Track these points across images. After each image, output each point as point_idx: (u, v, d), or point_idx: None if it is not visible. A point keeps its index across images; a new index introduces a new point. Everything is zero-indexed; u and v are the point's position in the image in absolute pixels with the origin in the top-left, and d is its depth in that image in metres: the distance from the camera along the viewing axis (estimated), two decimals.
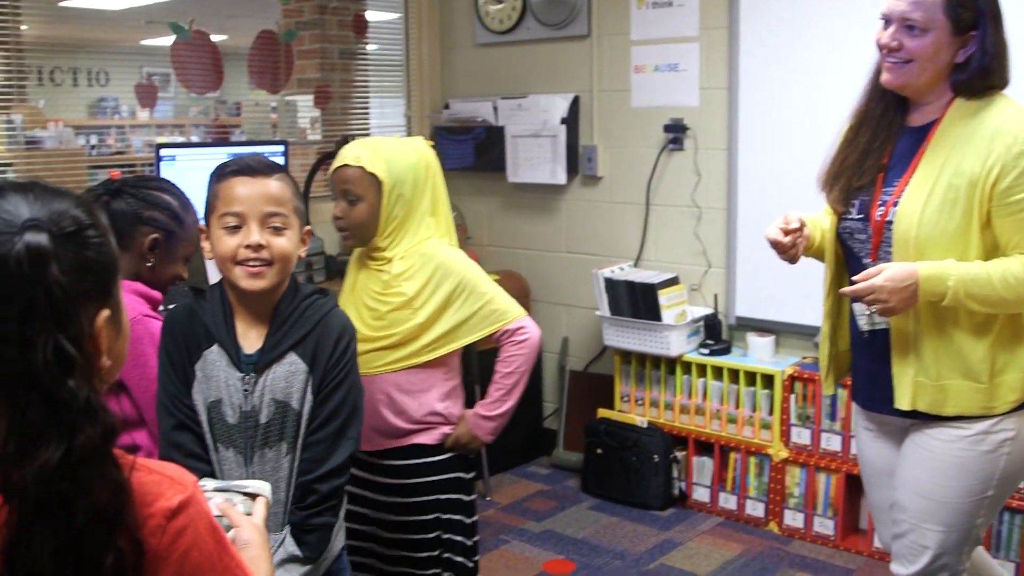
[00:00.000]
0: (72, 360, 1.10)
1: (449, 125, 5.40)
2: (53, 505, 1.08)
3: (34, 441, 1.08)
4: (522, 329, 2.68)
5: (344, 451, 2.09)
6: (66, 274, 1.11)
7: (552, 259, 5.28)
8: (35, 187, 1.18)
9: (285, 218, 2.05)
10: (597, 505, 4.71)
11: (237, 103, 6.06)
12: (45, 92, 4.89)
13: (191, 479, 1.22)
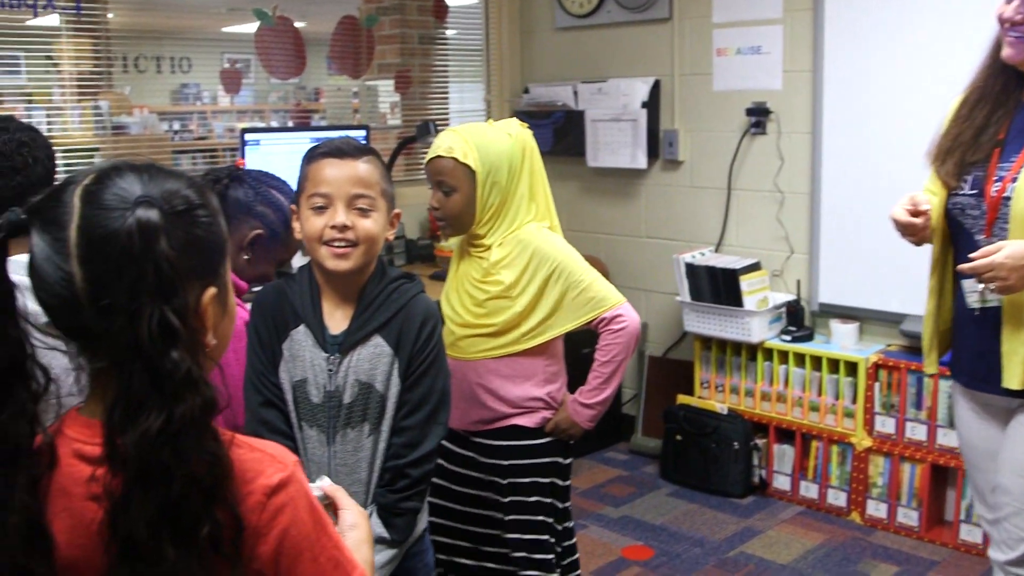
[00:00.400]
0: (176, 332, 1.13)
1: (529, 109, 5.39)
2: (152, 473, 1.11)
3: (137, 409, 1.12)
4: (620, 317, 2.65)
5: (435, 437, 2.11)
6: (175, 249, 1.15)
7: (631, 244, 5.26)
8: (150, 167, 1.23)
9: (372, 200, 2.07)
10: (676, 492, 4.69)
11: (316, 89, 6.12)
12: (130, 79, 4.98)
13: (292, 458, 1.24)
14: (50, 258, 1.16)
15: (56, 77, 4.27)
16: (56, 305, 1.17)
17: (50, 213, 1.18)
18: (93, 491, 1.18)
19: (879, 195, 4.24)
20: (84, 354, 1.22)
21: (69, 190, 1.19)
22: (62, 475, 1.22)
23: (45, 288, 1.17)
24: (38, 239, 1.18)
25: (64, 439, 1.23)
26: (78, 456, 1.21)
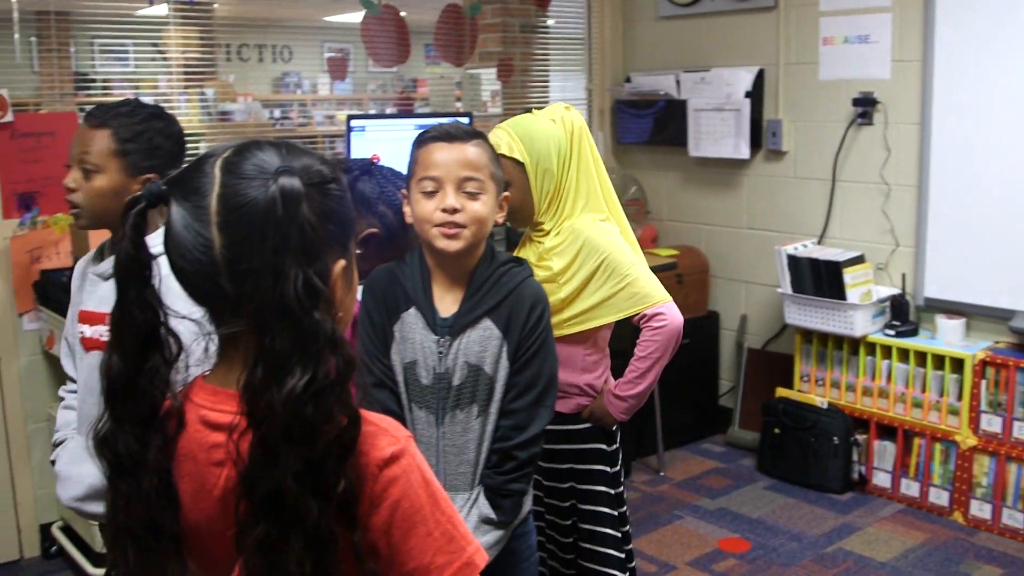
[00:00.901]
0: (319, 292, 1.18)
1: (630, 99, 5.37)
2: (298, 429, 1.15)
3: (281, 368, 1.16)
4: (661, 315, 2.62)
5: (542, 420, 2.13)
6: (315, 216, 1.19)
7: (732, 235, 5.21)
8: (286, 143, 1.28)
9: (481, 183, 2.09)
10: (773, 485, 4.65)
11: (414, 78, 6.18)
12: (233, 68, 5.10)
13: (404, 432, 1.28)
14: (190, 225, 1.21)
15: (163, 65, 4.39)
16: (193, 271, 1.22)
17: (191, 183, 1.23)
18: (216, 457, 1.24)
19: (989, 188, 4.15)
20: (215, 320, 1.26)
21: (209, 162, 1.24)
22: (188, 440, 1.27)
23: (183, 255, 1.22)
24: (178, 208, 1.22)
25: (191, 405, 1.28)
26: (204, 422, 1.26)
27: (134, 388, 1.24)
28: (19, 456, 3.97)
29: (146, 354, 1.25)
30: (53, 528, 4.04)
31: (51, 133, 3.90)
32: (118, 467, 1.26)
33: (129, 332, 1.24)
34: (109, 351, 1.26)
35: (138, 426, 1.25)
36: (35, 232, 3.84)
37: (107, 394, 1.26)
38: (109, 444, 1.25)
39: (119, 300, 1.25)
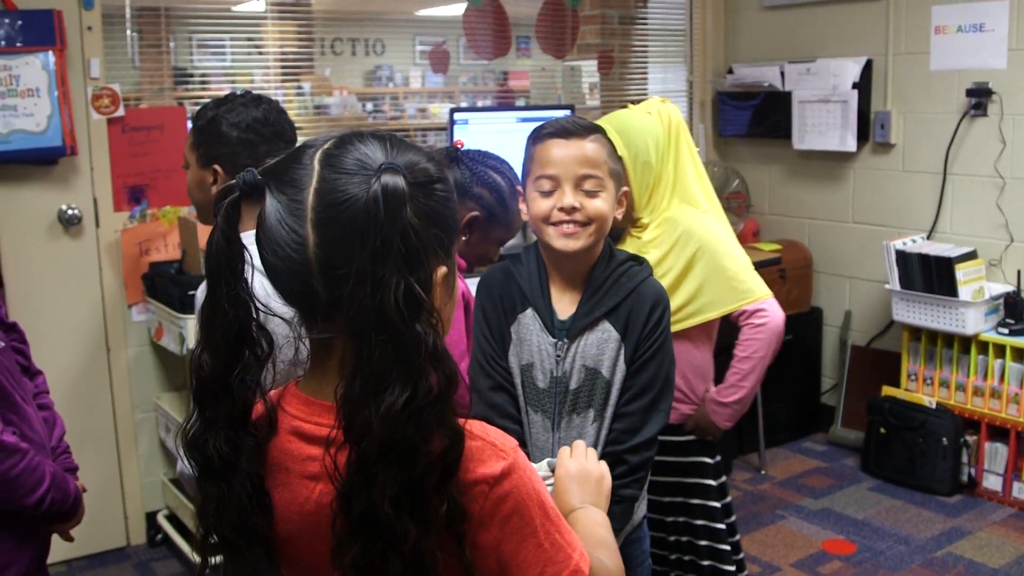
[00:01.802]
0: (421, 303, 1.11)
1: (732, 90, 5.28)
2: (396, 449, 1.09)
3: (380, 383, 1.09)
4: (763, 311, 2.54)
5: (656, 423, 2.06)
6: (419, 219, 1.12)
7: (837, 229, 5.09)
8: (391, 137, 1.21)
9: (599, 180, 2.02)
10: (877, 486, 4.53)
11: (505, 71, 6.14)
12: (327, 62, 5.12)
13: (512, 444, 1.21)
14: (283, 220, 1.14)
15: (259, 60, 4.43)
16: (285, 269, 1.15)
17: (287, 174, 1.16)
18: (311, 470, 1.19)
19: None
20: (307, 323, 1.20)
21: (308, 153, 1.17)
22: (280, 449, 1.23)
23: (275, 251, 1.15)
24: (272, 200, 1.16)
25: (283, 414, 1.24)
26: (296, 433, 1.21)
27: (226, 388, 1.20)
28: (126, 445, 4.05)
29: (238, 352, 1.20)
30: (159, 516, 4.11)
31: (159, 127, 3.95)
32: (208, 469, 1.21)
33: (221, 329, 1.19)
34: (200, 349, 1.21)
35: (229, 428, 1.20)
36: (144, 225, 3.90)
37: (197, 394, 1.22)
38: (199, 446, 1.21)
39: (210, 295, 1.20)
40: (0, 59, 3.55)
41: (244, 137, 2.20)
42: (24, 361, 2.36)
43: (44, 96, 3.62)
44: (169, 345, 3.69)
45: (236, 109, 2.20)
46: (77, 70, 3.74)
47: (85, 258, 3.87)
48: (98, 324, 3.93)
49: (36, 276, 3.74)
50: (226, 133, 2.19)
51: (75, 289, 3.87)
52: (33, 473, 2.09)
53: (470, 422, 1.19)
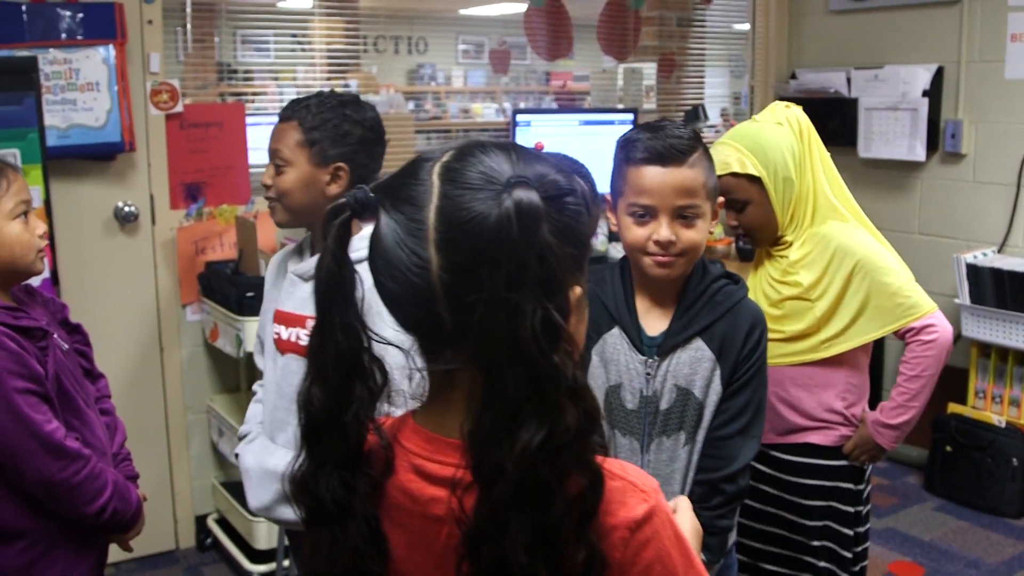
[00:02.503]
0: (559, 331, 1.01)
1: (796, 96, 5.15)
2: (531, 491, 0.99)
3: (514, 419, 0.99)
4: (931, 327, 2.39)
5: (751, 450, 1.95)
6: (555, 237, 1.02)
7: (902, 240, 4.91)
8: (514, 146, 1.10)
9: (697, 208, 1.90)
10: (942, 506, 4.40)
11: (547, 71, 6.06)
12: (371, 59, 5.07)
13: (652, 484, 1.11)
14: (403, 241, 1.04)
15: (302, 57, 4.37)
16: (405, 295, 1.05)
17: (403, 191, 1.07)
18: (435, 512, 1.10)
19: None
20: (428, 353, 1.10)
21: (425, 167, 1.07)
22: (398, 488, 1.13)
23: (394, 275, 1.05)
24: (388, 220, 1.06)
25: (401, 450, 1.14)
26: (419, 472, 1.12)
27: (339, 425, 1.10)
28: (178, 447, 3.98)
29: (350, 386, 1.10)
30: (209, 520, 4.04)
31: (219, 123, 3.88)
32: (319, 513, 1.12)
33: (332, 361, 1.09)
34: (309, 382, 1.12)
35: (343, 468, 1.11)
36: (201, 223, 3.83)
37: (307, 431, 1.13)
38: (308, 488, 1.12)
39: (320, 325, 1.10)
40: (61, 52, 3.49)
41: (366, 136, 2.16)
42: (87, 364, 2.30)
43: (104, 90, 3.56)
44: (225, 347, 3.61)
45: (350, 107, 2.16)
46: (136, 65, 3.68)
47: (140, 256, 3.81)
48: (152, 324, 3.86)
49: (91, 273, 3.68)
50: (350, 131, 2.14)
51: (130, 287, 3.80)
52: (95, 480, 2.03)
53: (608, 460, 1.09)
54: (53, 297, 2.32)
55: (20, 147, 3.37)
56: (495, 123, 7.06)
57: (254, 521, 3.61)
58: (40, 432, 1.93)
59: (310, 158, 2.13)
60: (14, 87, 3.39)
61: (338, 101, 2.17)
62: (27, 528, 2.02)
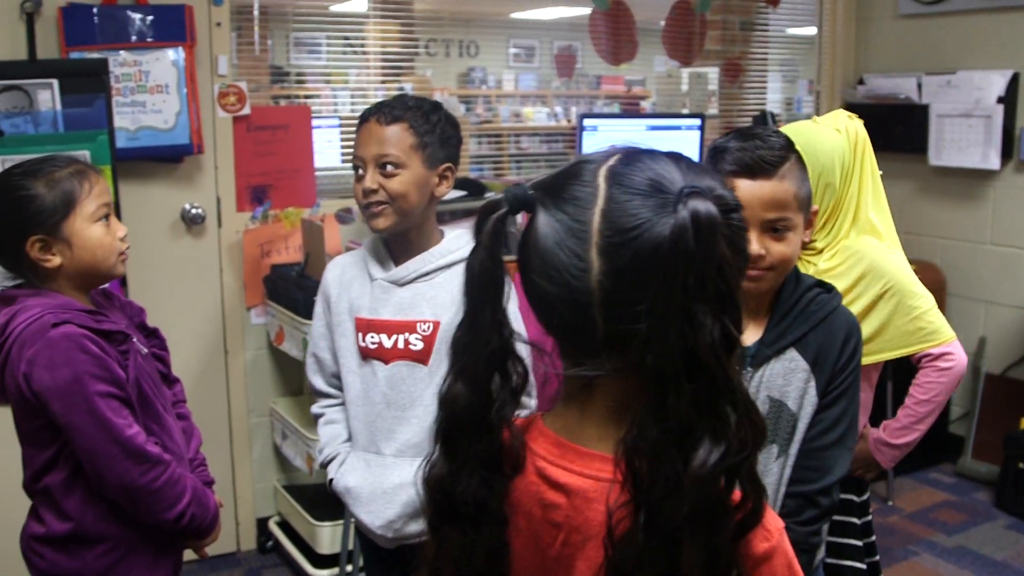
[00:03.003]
0: (735, 345, 0.99)
1: (864, 102, 5.06)
2: (704, 512, 0.96)
3: (686, 435, 0.97)
4: (949, 355, 2.36)
5: (845, 462, 1.89)
6: (730, 251, 0.99)
7: (973, 250, 4.85)
8: (681, 156, 1.08)
9: (788, 220, 1.84)
10: (1014, 524, 4.29)
11: (598, 75, 6.00)
12: (423, 63, 5.05)
13: (778, 524, 1.08)
14: (563, 242, 1.02)
15: (354, 59, 4.35)
16: (560, 297, 1.03)
17: (566, 191, 1.05)
18: (553, 518, 1.08)
19: None
20: (569, 358, 1.08)
21: (588, 169, 1.05)
22: (521, 490, 1.11)
23: (551, 276, 1.03)
24: (549, 219, 1.04)
25: (528, 451, 1.12)
26: (540, 475, 1.10)
27: (484, 424, 1.08)
28: (241, 450, 3.98)
29: (495, 383, 1.09)
30: (270, 523, 4.04)
31: (285, 126, 3.88)
32: (454, 514, 1.10)
33: (481, 358, 1.08)
34: (451, 380, 1.09)
35: (485, 468, 1.09)
36: (266, 226, 3.83)
37: (449, 430, 1.10)
38: (445, 488, 1.10)
39: (472, 321, 1.08)
40: (131, 55, 3.50)
41: (459, 137, 2.22)
42: (164, 368, 2.29)
43: (173, 93, 3.55)
44: (291, 350, 3.60)
45: (441, 110, 2.20)
46: (205, 67, 3.68)
47: (206, 258, 3.81)
48: (217, 326, 3.86)
49: (157, 275, 3.68)
50: (452, 134, 2.20)
51: (195, 290, 3.80)
52: (175, 486, 2.01)
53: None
54: (131, 301, 2.30)
55: (90, 149, 3.37)
56: (548, 127, 7.02)
57: (317, 525, 3.59)
58: (121, 437, 1.92)
59: (423, 160, 2.15)
60: (85, 89, 3.40)
61: (433, 104, 2.20)
62: (107, 533, 2.02)
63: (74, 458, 1.96)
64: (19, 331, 1.90)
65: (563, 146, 5.88)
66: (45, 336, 1.88)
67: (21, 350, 1.89)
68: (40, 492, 2.03)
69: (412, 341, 2.12)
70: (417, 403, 2.13)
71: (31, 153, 2.24)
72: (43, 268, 1.97)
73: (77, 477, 1.98)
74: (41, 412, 1.91)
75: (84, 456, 1.92)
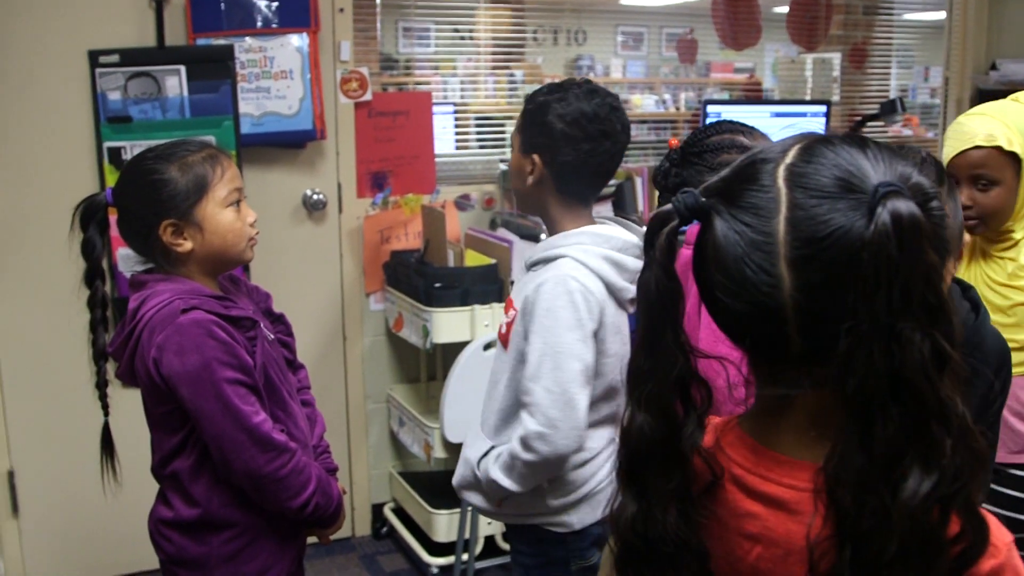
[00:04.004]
0: (948, 362, 0.88)
1: (998, 88, 4.87)
2: (917, 546, 0.88)
3: (895, 462, 0.88)
4: None
5: None
6: (936, 254, 0.89)
7: None
8: (863, 139, 0.97)
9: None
10: None
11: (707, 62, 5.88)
12: (531, 50, 4.99)
13: (1006, 539, 0.98)
14: (747, 256, 0.92)
15: (463, 47, 4.30)
16: (748, 314, 0.94)
17: (743, 198, 0.94)
18: (748, 529, 1.00)
19: None
20: (762, 374, 1.00)
21: (765, 170, 0.95)
22: (714, 496, 1.03)
23: (736, 292, 0.94)
24: (727, 229, 0.94)
25: (723, 456, 1.04)
26: (736, 483, 1.02)
27: (675, 455, 0.99)
28: (357, 435, 3.99)
29: (681, 409, 1.00)
30: (385, 509, 4.04)
31: (405, 113, 3.87)
32: (647, 554, 1.01)
33: (666, 385, 0.98)
34: (635, 411, 1.00)
35: (680, 501, 1.00)
36: (386, 212, 3.82)
37: (633, 466, 1.02)
38: (636, 527, 1.01)
39: (651, 344, 0.99)
40: (256, 40, 3.52)
41: (567, 131, 2.01)
42: (289, 354, 2.28)
43: (297, 78, 3.57)
44: (410, 337, 3.59)
45: (567, 99, 2.03)
46: (328, 53, 3.68)
47: (327, 244, 3.82)
48: (336, 312, 3.87)
49: (278, 261, 3.70)
50: (551, 123, 2.02)
51: (315, 276, 3.82)
52: (300, 475, 1.99)
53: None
54: (257, 286, 2.30)
55: (216, 134, 3.41)
56: (656, 115, 6.93)
57: (434, 513, 3.58)
58: (248, 424, 1.90)
59: (520, 145, 2.08)
60: (212, 75, 3.44)
61: (554, 88, 2.07)
62: (233, 519, 2.01)
63: (202, 444, 1.95)
64: (149, 316, 1.90)
65: (671, 134, 5.79)
66: (175, 322, 1.87)
67: (151, 335, 1.89)
68: (168, 477, 2.03)
69: (503, 325, 2.10)
70: (497, 385, 2.10)
71: (159, 139, 2.25)
72: (174, 253, 1.96)
73: (204, 463, 1.98)
74: (170, 397, 1.91)
75: (211, 442, 1.92)
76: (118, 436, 2.15)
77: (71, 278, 2.04)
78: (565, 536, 2.08)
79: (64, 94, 3.39)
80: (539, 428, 1.88)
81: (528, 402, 1.91)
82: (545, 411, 1.89)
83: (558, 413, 1.89)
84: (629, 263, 1.99)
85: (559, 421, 1.88)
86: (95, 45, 3.37)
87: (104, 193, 2.02)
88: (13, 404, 3.51)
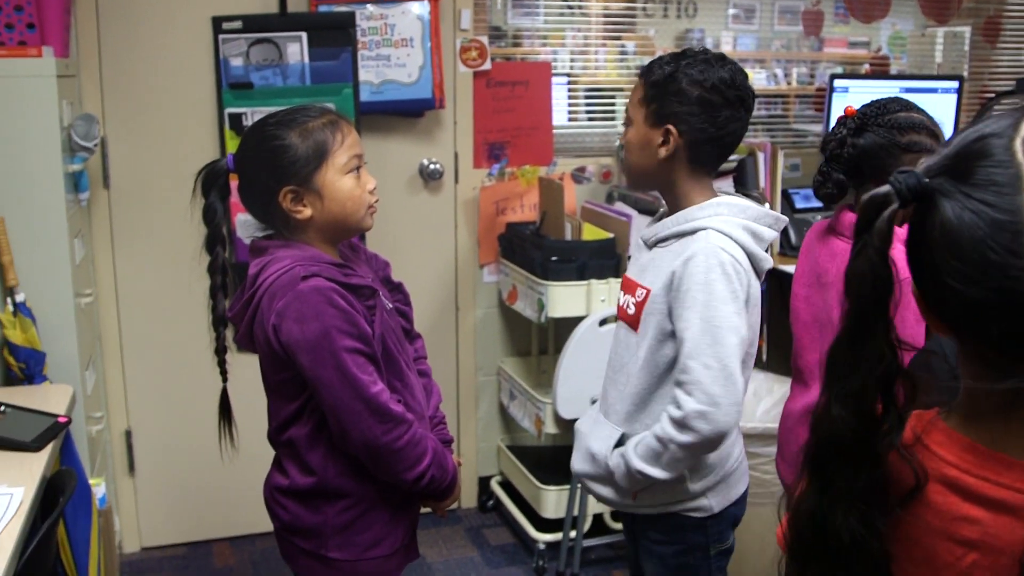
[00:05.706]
0: None
1: None
2: None
3: None
4: None
5: None
6: None
7: None
8: None
9: None
10: None
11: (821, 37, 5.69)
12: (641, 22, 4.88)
13: None
14: (988, 239, 0.85)
15: (572, 19, 4.21)
16: (990, 302, 0.86)
17: (975, 175, 0.87)
18: (963, 534, 0.92)
19: None
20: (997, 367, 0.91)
21: (997, 144, 0.87)
22: (915, 498, 0.96)
23: (975, 279, 0.86)
24: (960, 211, 0.87)
25: (927, 454, 0.96)
26: (947, 483, 0.94)
27: (867, 454, 0.93)
28: (467, 407, 3.98)
29: (883, 406, 0.94)
30: (492, 482, 4.03)
31: (524, 83, 3.81)
32: (820, 550, 0.97)
33: (871, 380, 0.92)
34: (831, 403, 0.95)
35: (865, 503, 0.94)
36: (503, 183, 3.78)
37: (823, 459, 0.96)
38: (816, 522, 0.96)
39: (858, 335, 0.93)
40: (377, 8, 3.50)
41: (707, 97, 1.92)
42: (407, 324, 2.26)
43: (417, 47, 3.54)
44: (525, 311, 3.55)
45: (700, 65, 1.93)
46: (448, 21, 3.65)
47: (442, 214, 3.80)
48: (449, 282, 3.86)
49: (394, 230, 3.70)
50: (687, 90, 1.92)
51: (430, 245, 3.81)
52: (416, 447, 1.97)
53: None
54: (376, 254, 2.27)
55: (335, 102, 3.41)
56: (768, 90, 6.78)
57: (543, 488, 3.55)
58: (366, 394, 1.88)
59: (646, 117, 1.97)
60: (332, 43, 3.44)
61: (679, 56, 1.96)
62: (348, 489, 2.00)
63: (319, 412, 1.94)
64: (269, 282, 1.89)
65: (781, 109, 5.62)
66: (295, 288, 1.86)
67: (271, 301, 1.88)
68: (284, 444, 2.03)
69: (630, 305, 2.01)
70: (623, 369, 2.03)
71: (279, 105, 2.23)
72: (294, 219, 1.95)
73: (321, 431, 1.97)
74: (288, 364, 1.90)
75: (329, 411, 1.91)
76: (235, 401, 2.16)
77: (192, 243, 2.04)
78: (704, 520, 2.02)
79: (188, 60, 3.42)
80: (700, 407, 1.80)
81: (686, 380, 1.83)
82: (706, 388, 1.81)
83: (720, 389, 1.81)
84: (765, 233, 1.92)
85: (720, 397, 1.81)
86: (219, 11, 3.39)
87: (225, 159, 2.02)
88: (132, 366, 3.57)
